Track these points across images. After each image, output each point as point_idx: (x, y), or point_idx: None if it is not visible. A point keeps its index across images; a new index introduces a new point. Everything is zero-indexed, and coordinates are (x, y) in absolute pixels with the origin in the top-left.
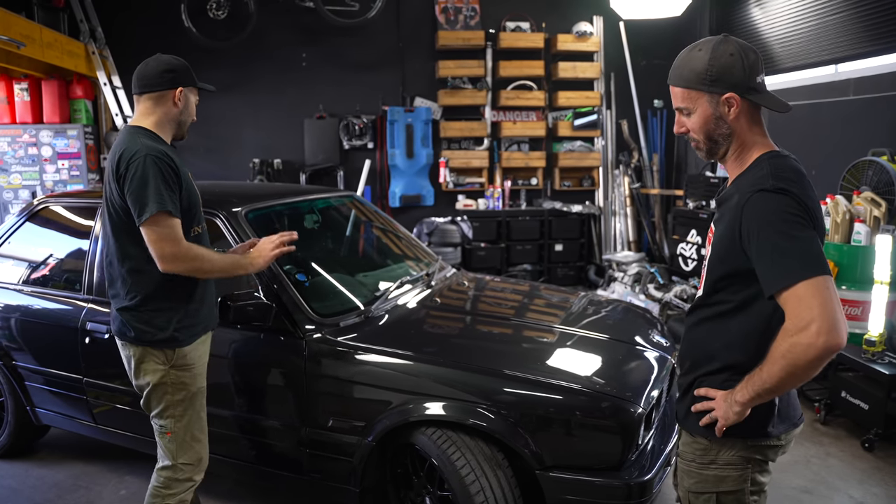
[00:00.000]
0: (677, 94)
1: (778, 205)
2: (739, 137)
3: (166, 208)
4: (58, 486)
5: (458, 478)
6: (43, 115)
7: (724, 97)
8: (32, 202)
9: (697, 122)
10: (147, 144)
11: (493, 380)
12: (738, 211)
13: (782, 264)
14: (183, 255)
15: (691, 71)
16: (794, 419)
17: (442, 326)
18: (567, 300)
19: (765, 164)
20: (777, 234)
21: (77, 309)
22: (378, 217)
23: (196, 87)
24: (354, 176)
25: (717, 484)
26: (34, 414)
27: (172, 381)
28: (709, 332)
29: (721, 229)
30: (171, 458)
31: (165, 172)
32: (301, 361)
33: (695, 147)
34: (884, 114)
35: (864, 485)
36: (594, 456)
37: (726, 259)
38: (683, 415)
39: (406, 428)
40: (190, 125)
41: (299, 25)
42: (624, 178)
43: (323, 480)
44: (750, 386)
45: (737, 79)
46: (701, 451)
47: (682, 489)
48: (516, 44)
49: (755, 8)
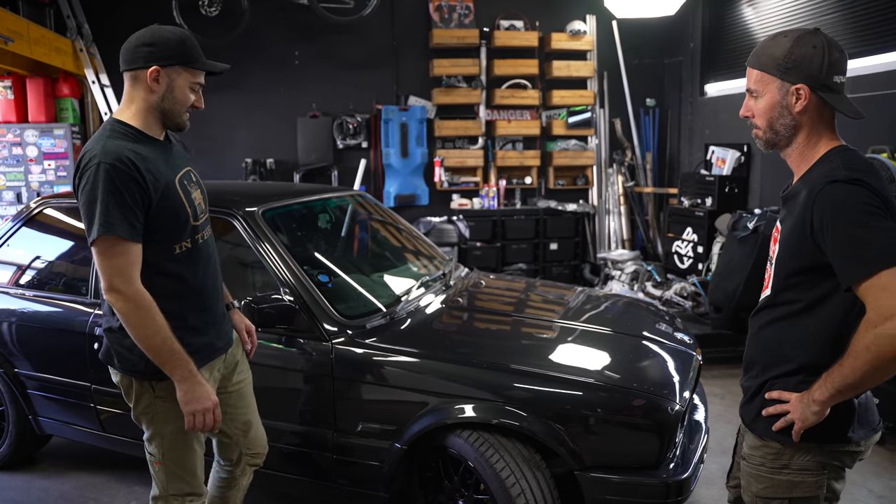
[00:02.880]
0: (752, 75)
1: (853, 195)
2: (804, 132)
3: (113, 232)
4: (63, 497)
5: (497, 480)
6: (28, 114)
7: (795, 87)
8: (30, 204)
9: (763, 108)
10: (108, 148)
11: (530, 380)
12: (809, 203)
13: (861, 254)
14: (126, 297)
15: (769, 55)
16: (873, 424)
17: (469, 326)
18: (599, 299)
19: (835, 158)
20: (854, 223)
21: (84, 314)
22: (389, 215)
23: (189, 68)
24: (348, 175)
25: (790, 490)
26: (36, 423)
27: (160, 412)
28: (780, 333)
29: (789, 225)
30: (160, 489)
31: (122, 186)
32: (327, 365)
33: (754, 136)
34: (882, 112)
35: (881, 478)
36: (632, 455)
37: (797, 254)
38: (752, 418)
39: (439, 431)
40: (187, 113)
41: (293, 23)
42: (618, 177)
43: (350, 487)
44: (830, 383)
45: (813, 72)
46: (773, 455)
47: (748, 493)
48: (510, 42)
49: (748, 7)
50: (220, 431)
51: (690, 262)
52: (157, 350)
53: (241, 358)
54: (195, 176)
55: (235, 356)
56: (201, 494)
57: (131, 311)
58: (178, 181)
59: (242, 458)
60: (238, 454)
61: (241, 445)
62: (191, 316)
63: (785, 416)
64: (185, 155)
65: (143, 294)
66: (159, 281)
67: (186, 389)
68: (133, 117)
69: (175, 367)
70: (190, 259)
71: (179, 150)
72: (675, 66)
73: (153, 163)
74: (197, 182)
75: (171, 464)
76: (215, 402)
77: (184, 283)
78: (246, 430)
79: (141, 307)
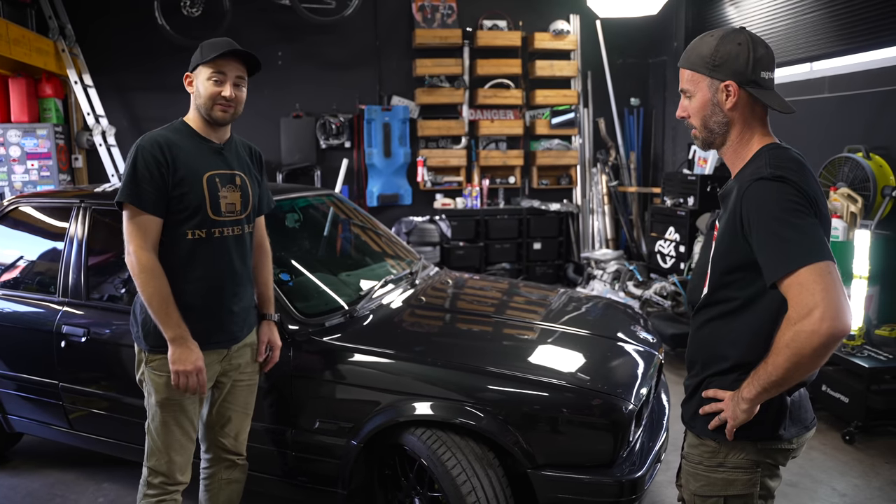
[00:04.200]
0: (684, 75)
1: (777, 192)
2: (737, 129)
3: (128, 200)
4: (32, 495)
5: (449, 478)
6: (10, 114)
7: (724, 84)
8: (2, 202)
9: (696, 107)
10: (152, 134)
11: (481, 378)
12: (738, 200)
13: (783, 251)
14: (137, 259)
15: (698, 54)
16: (805, 422)
17: (428, 325)
18: (546, 298)
19: (764, 155)
20: (776, 221)
21: (52, 312)
22: (359, 215)
23: (204, 64)
24: (331, 175)
25: (725, 487)
26: (6, 421)
27: (149, 381)
28: (715, 332)
29: (724, 223)
30: (145, 456)
31: (147, 162)
32: (286, 362)
33: (693, 136)
34: (859, 111)
35: (845, 477)
36: (585, 454)
37: (729, 252)
38: (690, 416)
39: (394, 429)
40: (218, 103)
41: (275, 23)
42: (601, 177)
43: (310, 483)
44: (756, 381)
45: (739, 68)
46: (709, 453)
47: (687, 492)
48: (493, 42)
49: (730, 7)
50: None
51: (673, 261)
52: (155, 310)
53: (250, 365)
54: (241, 180)
55: (242, 357)
56: (175, 483)
57: (136, 271)
58: (206, 176)
59: (219, 453)
60: (214, 450)
61: (217, 435)
62: (188, 297)
63: (719, 415)
64: (243, 161)
65: (148, 258)
66: (168, 257)
67: (174, 350)
68: (189, 118)
69: (167, 328)
70: (202, 247)
71: (235, 156)
72: (658, 66)
73: (185, 153)
74: (240, 186)
75: (154, 435)
76: (199, 367)
77: (189, 267)
78: (224, 424)
79: (144, 269)
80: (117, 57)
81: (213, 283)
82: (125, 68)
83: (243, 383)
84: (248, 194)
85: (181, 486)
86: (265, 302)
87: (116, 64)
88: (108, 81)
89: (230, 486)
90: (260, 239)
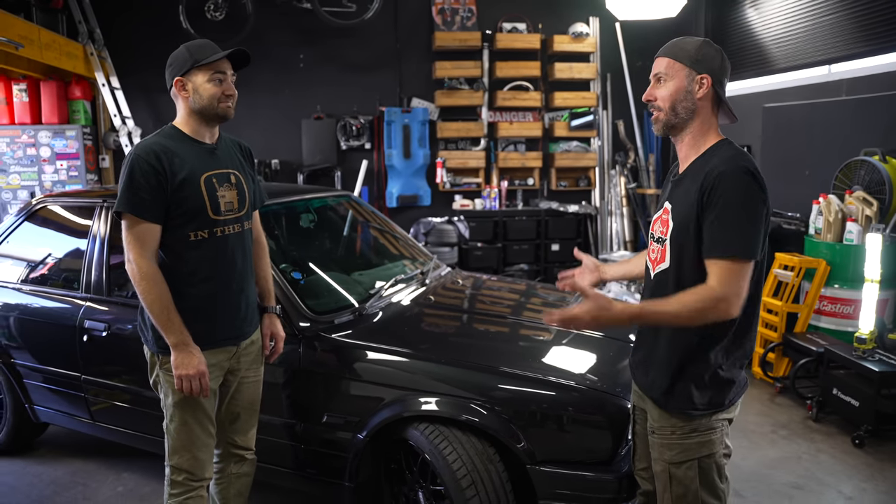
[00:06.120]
0: (662, 63)
1: (753, 187)
2: (699, 119)
3: (126, 209)
4: (55, 482)
5: (449, 472)
6: (42, 116)
7: (700, 76)
8: (31, 201)
9: (669, 91)
10: (146, 142)
11: (485, 376)
12: (714, 177)
13: (734, 236)
14: (133, 265)
15: (682, 48)
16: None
17: (435, 324)
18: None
19: (734, 147)
20: (744, 210)
21: (75, 307)
22: (374, 216)
23: (201, 66)
24: (352, 176)
25: (698, 450)
26: (33, 412)
27: (164, 383)
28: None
29: (682, 198)
30: (167, 456)
31: (143, 171)
32: (296, 358)
33: (654, 119)
34: (876, 114)
35: (853, 480)
36: (585, 451)
37: (694, 230)
38: (662, 393)
39: (399, 423)
40: (222, 101)
41: (297, 26)
42: (620, 179)
43: (319, 476)
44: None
45: (715, 67)
46: (682, 422)
47: (659, 463)
48: (513, 45)
49: (750, 9)
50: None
51: None
52: (157, 316)
53: (256, 362)
54: (237, 178)
55: (249, 354)
56: (200, 479)
57: (136, 279)
58: (204, 178)
59: (229, 448)
60: (223, 445)
61: (226, 432)
62: (194, 300)
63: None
64: (235, 158)
65: (148, 265)
66: (173, 261)
67: (177, 355)
68: (180, 123)
69: (169, 334)
70: (206, 248)
71: (227, 154)
72: None
73: (181, 157)
74: (236, 184)
75: (174, 434)
76: (202, 371)
77: (195, 268)
78: (232, 421)
79: (145, 277)
80: (143, 59)
81: (219, 282)
82: (150, 70)
83: (250, 380)
84: (244, 191)
85: (205, 482)
86: (266, 295)
87: (142, 66)
88: (135, 83)
89: (240, 480)
90: (256, 234)
